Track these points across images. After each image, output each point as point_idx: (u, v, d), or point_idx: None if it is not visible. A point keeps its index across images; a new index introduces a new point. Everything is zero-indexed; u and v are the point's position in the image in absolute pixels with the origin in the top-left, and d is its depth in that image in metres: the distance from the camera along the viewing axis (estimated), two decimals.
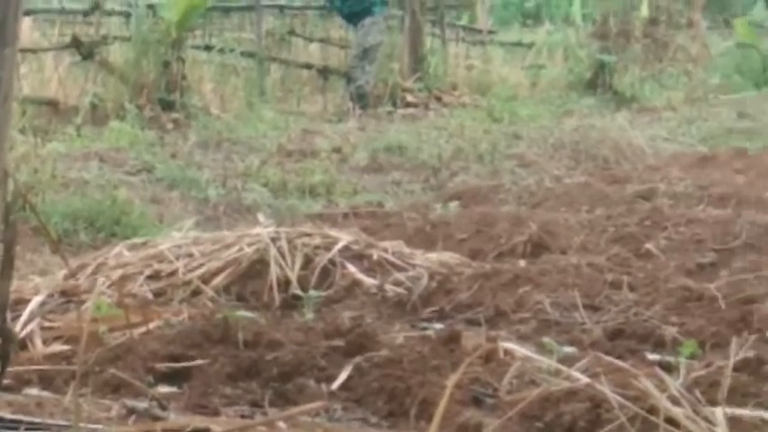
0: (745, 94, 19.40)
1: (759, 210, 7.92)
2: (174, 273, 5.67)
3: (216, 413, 4.01)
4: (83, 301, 5.16)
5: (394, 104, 15.31)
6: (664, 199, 8.60)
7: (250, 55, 16.02)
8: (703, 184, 9.49)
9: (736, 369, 4.09)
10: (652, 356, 4.80)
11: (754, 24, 25.32)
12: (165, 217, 8.46)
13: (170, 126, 12.42)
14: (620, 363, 4.26)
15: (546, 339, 4.88)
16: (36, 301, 5.04)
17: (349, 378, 4.40)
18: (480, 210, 8.23)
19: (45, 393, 4.26)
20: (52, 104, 12.99)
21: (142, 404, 3.92)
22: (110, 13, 14.68)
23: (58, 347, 4.77)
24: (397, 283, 5.70)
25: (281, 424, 3.46)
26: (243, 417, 4.03)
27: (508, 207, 8.33)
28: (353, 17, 15.69)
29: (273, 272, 5.65)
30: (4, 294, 3.38)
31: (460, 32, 20.50)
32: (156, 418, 3.77)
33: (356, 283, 5.70)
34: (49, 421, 3.65)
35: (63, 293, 5.27)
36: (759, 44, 23.14)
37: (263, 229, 6.09)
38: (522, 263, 6.29)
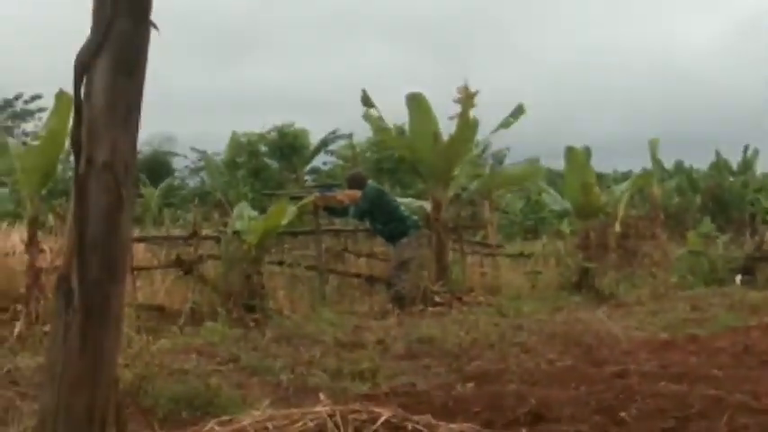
0: (697, 290, 19.36)
1: (709, 385, 7.89)
2: None
3: None
4: None
5: (425, 304, 15.29)
6: (634, 377, 8.56)
7: (313, 268, 16.15)
8: (665, 364, 9.46)
9: None
10: None
11: (703, 235, 25.40)
12: (247, 398, 8.43)
13: (252, 325, 12.45)
14: None
15: None
16: None
17: None
18: (491, 388, 8.22)
19: None
20: (160, 310, 13.10)
21: None
22: (205, 238, 14.85)
23: None
24: None
25: None
26: None
27: (513, 386, 8.30)
28: (393, 238, 15.83)
29: None
30: None
31: (476, 247, 20.60)
32: None
33: None
34: None
35: None
36: (707, 251, 23.21)
37: (323, 407, 6.09)
38: (524, 431, 6.26)
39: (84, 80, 3.13)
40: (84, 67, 3.11)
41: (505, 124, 17.80)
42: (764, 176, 44.31)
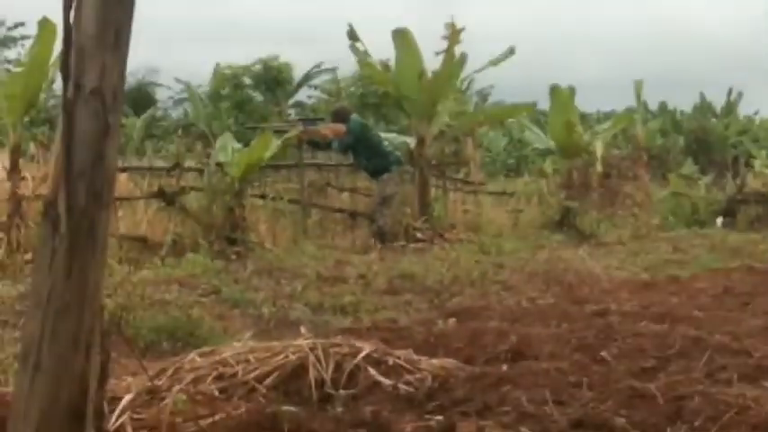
0: (679, 232, 19.45)
1: (689, 325, 7.92)
2: (234, 375, 5.66)
3: None
4: (164, 398, 5.17)
5: (407, 240, 15.31)
6: (615, 316, 8.59)
7: (295, 202, 16.11)
8: (645, 305, 9.50)
9: None
10: None
11: (685, 177, 25.49)
12: (228, 330, 8.45)
13: (233, 257, 12.44)
14: None
15: (523, 429, 4.88)
16: (128, 398, 5.06)
17: None
18: (472, 325, 8.23)
19: None
20: (142, 240, 13.07)
21: None
22: (187, 170, 14.80)
23: None
24: (408, 383, 5.70)
25: None
26: None
27: (494, 323, 8.31)
28: (375, 173, 15.82)
29: (312, 374, 5.65)
30: (100, 401, 3.39)
31: (458, 184, 20.58)
32: None
33: (376, 384, 5.68)
34: None
35: (149, 392, 5.29)
36: (689, 193, 23.32)
37: (304, 341, 6.10)
38: (505, 367, 6.28)
39: (74, 4, 3.09)
40: None
41: (495, 62, 17.71)
42: (747, 119, 44.45)
